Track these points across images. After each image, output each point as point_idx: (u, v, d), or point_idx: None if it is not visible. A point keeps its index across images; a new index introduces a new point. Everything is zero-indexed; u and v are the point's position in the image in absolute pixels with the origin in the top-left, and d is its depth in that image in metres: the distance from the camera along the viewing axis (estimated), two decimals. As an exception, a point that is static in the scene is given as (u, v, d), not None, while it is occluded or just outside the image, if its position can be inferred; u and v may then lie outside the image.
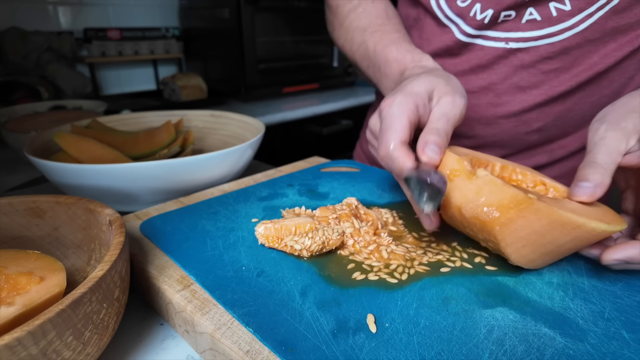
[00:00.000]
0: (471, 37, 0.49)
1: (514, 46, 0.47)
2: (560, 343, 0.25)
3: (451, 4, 0.49)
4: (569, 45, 0.45)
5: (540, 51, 0.46)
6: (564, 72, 0.47)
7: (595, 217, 0.29)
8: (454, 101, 0.34)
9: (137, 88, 1.53)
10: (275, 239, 0.35)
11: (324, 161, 0.59)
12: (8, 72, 1.16)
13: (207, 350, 0.27)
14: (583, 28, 0.44)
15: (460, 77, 0.52)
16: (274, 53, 1.48)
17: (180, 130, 0.62)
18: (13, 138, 0.62)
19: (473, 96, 0.52)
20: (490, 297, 0.29)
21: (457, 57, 0.52)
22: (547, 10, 0.45)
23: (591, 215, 0.29)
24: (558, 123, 0.51)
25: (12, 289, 0.27)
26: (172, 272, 0.32)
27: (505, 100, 0.50)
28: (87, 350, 0.23)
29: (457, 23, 0.49)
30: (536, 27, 0.45)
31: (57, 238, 0.34)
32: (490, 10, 0.46)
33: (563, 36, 0.45)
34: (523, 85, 0.49)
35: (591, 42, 0.45)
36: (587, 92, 0.48)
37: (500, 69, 0.49)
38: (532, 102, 0.49)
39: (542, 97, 0.49)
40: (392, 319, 0.27)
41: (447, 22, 0.50)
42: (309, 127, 1.43)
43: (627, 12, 0.43)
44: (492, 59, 0.49)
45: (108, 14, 1.41)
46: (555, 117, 0.50)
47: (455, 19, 0.49)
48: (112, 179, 0.44)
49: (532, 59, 0.47)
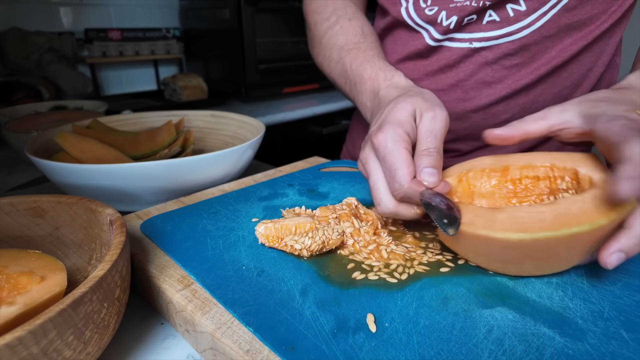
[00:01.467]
0: (439, 40, 0.53)
1: (477, 45, 0.51)
2: (559, 343, 0.25)
3: (420, 13, 0.53)
4: (527, 42, 0.49)
5: (502, 49, 0.50)
6: (524, 66, 0.51)
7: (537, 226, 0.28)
8: (435, 115, 0.35)
9: (138, 88, 1.53)
10: (275, 238, 0.35)
11: (324, 161, 0.59)
12: (9, 73, 1.16)
13: (207, 350, 0.28)
14: (539, 26, 0.48)
15: (430, 77, 0.56)
16: (274, 53, 1.48)
17: (181, 131, 0.63)
18: (14, 138, 0.62)
19: (443, 93, 0.55)
20: (490, 297, 0.29)
21: (427, 59, 0.56)
22: (505, 11, 0.48)
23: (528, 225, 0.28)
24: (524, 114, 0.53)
25: (13, 288, 0.27)
26: (173, 272, 0.32)
27: (473, 96, 0.54)
28: (88, 349, 0.23)
29: (427, 29, 0.53)
30: (496, 27, 0.49)
31: (58, 238, 0.34)
32: (455, 17, 0.50)
33: (521, 34, 0.49)
34: (488, 81, 0.52)
35: (548, 38, 0.49)
36: (549, 84, 0.52)
37: (466, 67, 0.53)
38: (498, 96, 0.52)
39: (506, 91, 0.52)
40: (391, 318, 0.27)
41: (418, 29, 0.54)
42: (309, 127, 1.43)
43: (578, 10, 0.47)
44: (459, 58, 0.52)
45: (109, 14, 1.41)
46: (520, 108, 0.53)
47: (426, 26, 0.53)
48: (113, 179, 0.44)
49: (494, 56, 0.51)
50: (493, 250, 0.30)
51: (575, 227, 0.27)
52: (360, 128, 0.72)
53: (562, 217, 0.28)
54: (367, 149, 0.37)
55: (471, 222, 0.31)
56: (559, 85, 0.52)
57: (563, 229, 0.27)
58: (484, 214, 0.31)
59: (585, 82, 0.53)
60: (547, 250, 0.28)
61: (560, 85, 0.52)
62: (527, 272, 0.31)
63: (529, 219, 0.29)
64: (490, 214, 0.31)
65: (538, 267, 0.31)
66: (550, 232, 0.27)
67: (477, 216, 0.31)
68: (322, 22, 0.58)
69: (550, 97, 0.53)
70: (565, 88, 0.52)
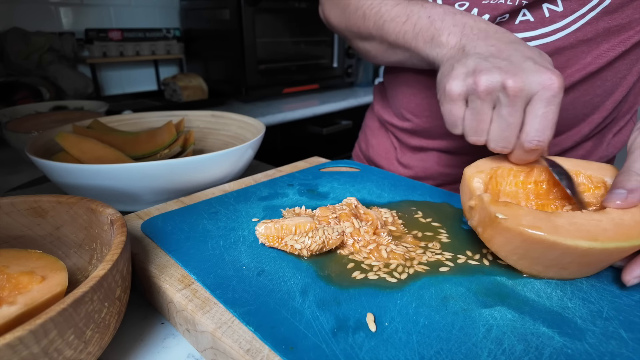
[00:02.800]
0: None
1: None
2: (558, 342, 0.25)
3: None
4: (562, 45, 0.46)
5: None
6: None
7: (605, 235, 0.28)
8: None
9: (138, 88, 1.54)
10: (275, 238, 0.35)
11: (324, 161, 0.59)
12: (10, 73, 1.16)
13: (207, 349, 0.28)
14: (575, 28, 0.45)
15: None
16: (274, 54, 1.48)
17: (181, 131, 0.63)
18: (15, 138, 0.62)
19: None
20: (489, 297, 0.29)
21: None
22: (540, 11, 0.45)
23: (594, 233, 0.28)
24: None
25: (13, 288, 0.27)
26: (173, 271, 0.32)
27: None
28: (89, 349, 0.23)
29: None
30: (529, 27, 0.46)
31: (59, 237, 0.34)
32: (487, 15, 0.47)
33: (556, 36, 0.45)
34: None
35: (584, 43, 0.45)
36: (581, 91, 0.49)
37: None
38: None
39: None
40: (391, 318, 0.27)
41: None
42: (309, 127, 1.43)
43: (618, 13, 0.44)
44: None
45: (109, 14, 1.41)
46: None
47: None
48: (114, 179, 0.44)
49: None
50: (552, 256, 0.29)
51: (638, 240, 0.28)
52: (374, 126, 0.69)
53: (621, 228, 0.28)
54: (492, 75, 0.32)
55: (535, 225, 0.29)
56: (591, 93, 0.49)
57: (632, 241, 0.28)
58: (542, 217, 0.30)
59: (618, 90, 0.50)
60: (602, 257, 0.29)
61: (592, 93, 0.49)
62: (563, 277, 0.31)
63: (592, 227, 0.28)
64: (548, 218, 0.30)
65: (579, 272, 0.30)
66: (620, 242, 0.28)
67: (537, 219, 0.30)
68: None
69: (580, 105, 0.50)
70: (597, 96, 0.49)
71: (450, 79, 0.35)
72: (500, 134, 0.34)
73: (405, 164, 0.63)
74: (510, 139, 0.33)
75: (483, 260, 0.34)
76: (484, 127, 0.34)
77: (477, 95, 0.33)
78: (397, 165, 0.64)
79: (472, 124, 0.35)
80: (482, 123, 0.34)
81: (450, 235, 0.38)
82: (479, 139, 0.35)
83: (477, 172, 0.36)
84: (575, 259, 0.29)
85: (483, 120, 0.34)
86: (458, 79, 0.35)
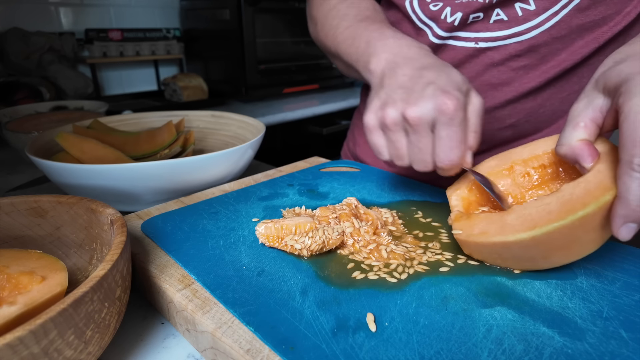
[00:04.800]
0: (443, 38, 0.51)
1: (483, 45, 0.49)
2: (558, 342, 0.25)
3: (424, 9, 0.51)
4: (536, 43, 0.47)
5: (509, 49, 0.48)
6: (533, 69, 0.49)
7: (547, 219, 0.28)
8: (482, 100, 0.36)
9: (138, 89, 1.54)
10: (275, 238, 0.35)
11: (324, 161, 0.59)
12: (10, 73, 1.16)
13: (208, 349, 0.28)
14: (549, 26, 0.46)
15: None
16: (274, 54, 1.48)
17: (181, 131, 0.63)
18: (15, 138, 0.62)
19: None
20: (489, 297, 0.29)
21: None
22: (513, 10, 0.46)
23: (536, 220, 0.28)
24: (530, 119, 0.52)
25: (14, 288, 0.27)
26: (173, 272, 0.32)
27: None
28: (89, 349, 0.23)
29: (430, 26, 0.51)
30: (504, 27, 0.47)
31: (59, 238, 0.34)
32: (460, 13, 0.48)
33: (530, 34, 0.46)
34: (494, 83, 0.51)
35: (558, 40, 0.46)
36: (557, 88, 0.50)
37: (471, 67, 0.51)
38: (504, 99, 0.51)
39: (512, 94, 0.50)
40: (391, 318, 0.27)
41: (422, 26, 0.52)
42: (309, 127, 1.43)
43: (591, 10, 0.45)
44: (464, 58, 0.51)
45: (109, 14, 1.41)
46: (527, 113, 0.52)
47: (429, 22, 0.51)
48: (114, 179, 0.44)
49: (501, 57, 0.49)
50: (515, 253, 0.30)
51: (581, 211, 0.26)
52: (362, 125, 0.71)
53: (567, 204, 0.27)
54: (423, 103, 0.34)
55: (484, 231, 0.31)
56: (568, 90, 0.50)
57: (569, 216, 0.27)
58: (495, 220, 0.31)
59: None
60: (565, 239, 0.28)
61: (569, 89, 0.50)
62: (559, 263, 0.30)
63: (537, 214, 0.28)
64: (500, 219, 0.30)
65: (567, 255, 0.30)
66: (558, 222, 0.27)
67: (488, 224, 0.31)
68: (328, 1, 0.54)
69: (557, 101, 0.51)
70: (574, 93, 0.50)
71: (366, 112, 0.38)
72: (415, 157, 0.36)
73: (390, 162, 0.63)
74: (426, 161, 0.36)
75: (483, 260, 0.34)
76: (403, 152, 0.37)
77: (387, 127, 0.36)
78: (382, 164, 0.65)
79: (392, 151, 0.38)
80: (399, 150, 0.37)
81: (451, 236, 0.38)
82: (403, 163, 0.37)
83: (455, 189, 0.38)
84: (541, 248, 0.29)
85: (400, 148, 0.37)
86: (372, 112, 0.38)
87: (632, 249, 0.35)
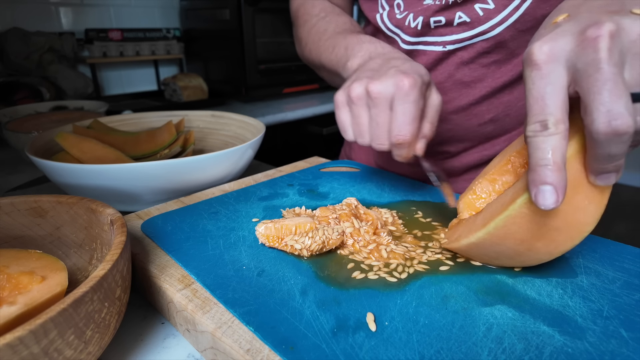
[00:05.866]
0: (412, 44, 0.53)
1: (451, 48, 0.50)
2: (559, 341, 0.25)
3: (391, 18, 0.53)
4: (502, 39, 0.47)
5: (477, 48, 0.49)
6: (504, 63, 0.50)
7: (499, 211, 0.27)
8: (441, 99, 0.38)
9: (138, 89, 1.54)
10: (275, 238, 0.35)
11: (324, 161, 0.59)
12: (10, 73, 1.16)
13: (208, 349, 0.28)
14: (513, 21, 0.46)
15: None
16: (274, 54, 1.48)
17: (181, 131, 0.63)
18: (15, 138, 0.62)
19: None
20: (489, 295, 0.29)
21: None
22: (474, 11, 0.47)
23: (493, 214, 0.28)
24: (510, 112, 0.53)
25: (14, 288, 0.27)
26: (173, 272, 0.32)
27: (452, 97, 0.53)
28: (89, 349, 0.23)
29: (397, 34, 0.54)
30: (468, 27, 0.48)
31: (59, 237, 0.34)
32: (421, 17, 0.50)
33: (495, 32, 0.47)
34: (467, 81, 0.52)
35: (525, 32, 0.47)
36: None
37: (443, 68, 0.52)
38: (478, 95, 0.52)
39: (486, 90, 0.51)
40: (391, 317, 0.27)
41: (391, 34, 0.55)
42: (309, 127, 1.43)
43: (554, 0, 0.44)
44: (434, 61, 0.52)
45: (109, 14, 1.41)
46: (504, 106, 0.52)
47: (396, 30, 0.54)
48: (114, 179, 0.44)
49: (470, 56, 0.50)
50: (491, 251, 0.30)
51: (520, 198, 0.26)
52: None
53: (518, 192, 0.27)
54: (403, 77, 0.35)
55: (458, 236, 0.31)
56: None
57: (511, 205, 0.26)
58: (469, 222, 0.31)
59: None
60: (526, 227, 0.26)
61: None
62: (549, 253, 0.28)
63: (495, 209, 0.28)
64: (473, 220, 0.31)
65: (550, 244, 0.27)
66: (503, 214, 0.27)
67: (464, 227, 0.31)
68: (312, 19, 0.58)
69: None
70: None
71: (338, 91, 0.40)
72: (374, 133, 0.38)
73: (382, 166, 0.65)
74: (382, 136, 0.37)
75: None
76: (364, 129, 0.38)
77: (352, 101, 0.38)
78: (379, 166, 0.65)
79: (355, 127, 0.39)
80: (361, 126, 0.38)
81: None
82: (363, 140, 0.39)
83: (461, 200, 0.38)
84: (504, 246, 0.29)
85: (361, 123, 0.38)
86: (341, 89, 0.40)
87: (633, 249, 0.35)
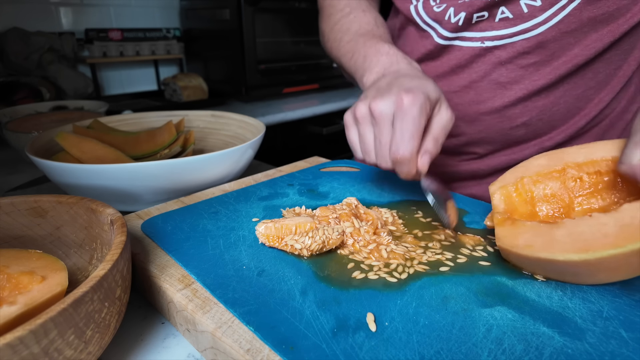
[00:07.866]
0: (449, 39, 0.51)
1: (490, 44, 0.48)
2: (558, 342, 0.25)
3: (428, 10, 0.52)
4: (544, 39, 0.46)
5: (517, 47, 0.47)
6: (543, 65, 0.48)
7: (601, 243, 0.26)
8: (452, 116, 0.37)
9: (138, 88, 1.54)
10: (275, 238, 0.35)
11: (324, 161, 0.59)
12: (10, 73, 1.16)
13: (208, 349, 0.28)
14: (557, 21, 0.44)
15: (442, 78, 0.54)
16: (274, 54, 1.48)
17: (181, 131, 0.63)
18: (15, 138, 0.62)
19: (455, 95, 0.53)
20: (489, 297, 0.29)
21: (437, 60, 0.54)
22: (519, 7, 0.45)
23: (590, 242, 0.26)
24: (543, 117, 0.51)
25: (14, 288, 0.27)
26: (174, 271, 0.32)
27: (487, 97, 0.51)
28: (89, 348, 0.23)
29: (434, 27, 0.52)
30: (510, 24, 0.46)
31: (59, 237, 0.34)
32: (463, 13, 0.48)
33: (537, 31, 0.46)
34: (503, 81, 0.50)
35: (569, 34, 0.45)
36: (571, 84, 0.48)
37: (479, 67, 0.51)
38: (514, 97, 0.50)
39: (523, 92, 0.49)
40: (391, 317, 0.27)
41: (426, 28, 0.53)
42: (309, 127, 1.43)
43: (603, 1, 0.43)
44: (470, 58, 0.50)
45: (109, 14, 1.41)
46: (539, 111, 0.51)
47: (433, 24, 0.52)
48: (114, 178, 0.44)
49: (509, 55, 0.48)
50: (560, 269, 0.29)
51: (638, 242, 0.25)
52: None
53: (627, 229, 0.25)
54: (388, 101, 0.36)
55: (529, 244, 0.29)
56: (583, 86, 0.48)
57: (629, 244, 0.25)
58: (542, 232, 0.29)
59: (613, 82, 0.49)
60: (617, 263, 0.26)
61: (584, 85, 0.48)
62: (603, 281, 0.29)
63: (591, 235, 0.26)
64: (548, 232, 0.29)
65: (613, 276, 0.28)
66: (615, 249, 0.25)
67: (535, 236, 0.29)
68: (336, 13, 0.57)
69: (572, 98, 0.49)
70: (590, 89, 0.49)
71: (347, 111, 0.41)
72: (379, 152, 0.38)
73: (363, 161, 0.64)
74: (385, 155, 0.37)
75: (483, 260, 0.34)
76: (370, 148, 0.39)
77: (358, 121, 0.38)
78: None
79: (362, 146, 0.39)
80: (367, 145, 0.39)
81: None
82: (370, 159, 0.39)
83: (499, 188, 0.36)
84: (589, 269, 0.27)
85: (367, 142, 0.39)
86: (350, 109, 0.40)
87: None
